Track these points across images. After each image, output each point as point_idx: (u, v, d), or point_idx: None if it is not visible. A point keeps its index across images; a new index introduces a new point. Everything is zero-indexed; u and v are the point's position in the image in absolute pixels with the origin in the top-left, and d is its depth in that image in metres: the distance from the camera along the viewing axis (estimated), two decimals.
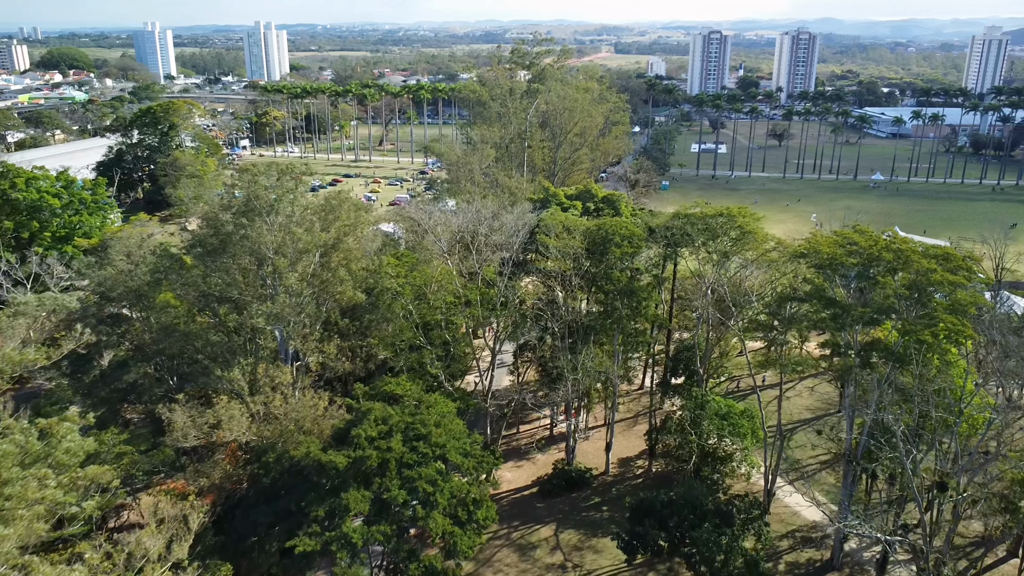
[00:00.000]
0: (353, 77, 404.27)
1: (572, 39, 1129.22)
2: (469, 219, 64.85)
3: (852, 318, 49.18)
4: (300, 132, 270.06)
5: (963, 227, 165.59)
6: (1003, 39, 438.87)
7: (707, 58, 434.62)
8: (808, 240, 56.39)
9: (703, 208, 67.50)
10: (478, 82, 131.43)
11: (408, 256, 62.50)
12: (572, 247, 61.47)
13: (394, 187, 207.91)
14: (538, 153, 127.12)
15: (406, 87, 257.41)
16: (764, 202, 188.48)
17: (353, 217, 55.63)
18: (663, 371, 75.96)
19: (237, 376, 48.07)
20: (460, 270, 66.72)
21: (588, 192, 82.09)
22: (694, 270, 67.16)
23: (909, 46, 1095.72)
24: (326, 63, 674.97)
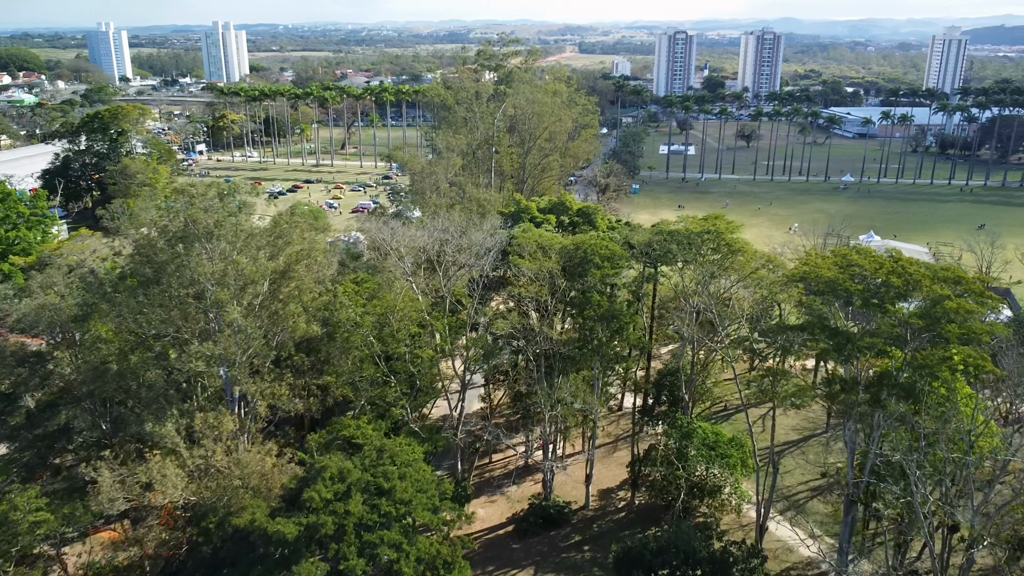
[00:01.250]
0: (314, 78, 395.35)
1: (536, 39, 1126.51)
2: (435, 238, 59.32)
3: (858, 349, 44.72)
4: (259, 136, 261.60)
5: (935, 229, 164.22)
6: (962, 39, 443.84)
7: (673, 58, 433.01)
8: (807, 261, 51.88)
9: (687, 222, 62.72)
10: (443, 85, 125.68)
11: (368, 281, 56.80)
12: (548, 268, 56.34)
13: (357, 193, 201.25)
14: (506, 159, 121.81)
15: (369, 89, 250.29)
16: (735, 205, 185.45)
17: (306, 242, 49.79)
18: (643, 397, 71.11)
19: (170, 432, 42.10)
20: (426, 291, 61.32)
21: (562, 204, 77.00)
22: (677, 288, 62.36)
23: (868, 45, 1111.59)
24: (287, 64, 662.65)
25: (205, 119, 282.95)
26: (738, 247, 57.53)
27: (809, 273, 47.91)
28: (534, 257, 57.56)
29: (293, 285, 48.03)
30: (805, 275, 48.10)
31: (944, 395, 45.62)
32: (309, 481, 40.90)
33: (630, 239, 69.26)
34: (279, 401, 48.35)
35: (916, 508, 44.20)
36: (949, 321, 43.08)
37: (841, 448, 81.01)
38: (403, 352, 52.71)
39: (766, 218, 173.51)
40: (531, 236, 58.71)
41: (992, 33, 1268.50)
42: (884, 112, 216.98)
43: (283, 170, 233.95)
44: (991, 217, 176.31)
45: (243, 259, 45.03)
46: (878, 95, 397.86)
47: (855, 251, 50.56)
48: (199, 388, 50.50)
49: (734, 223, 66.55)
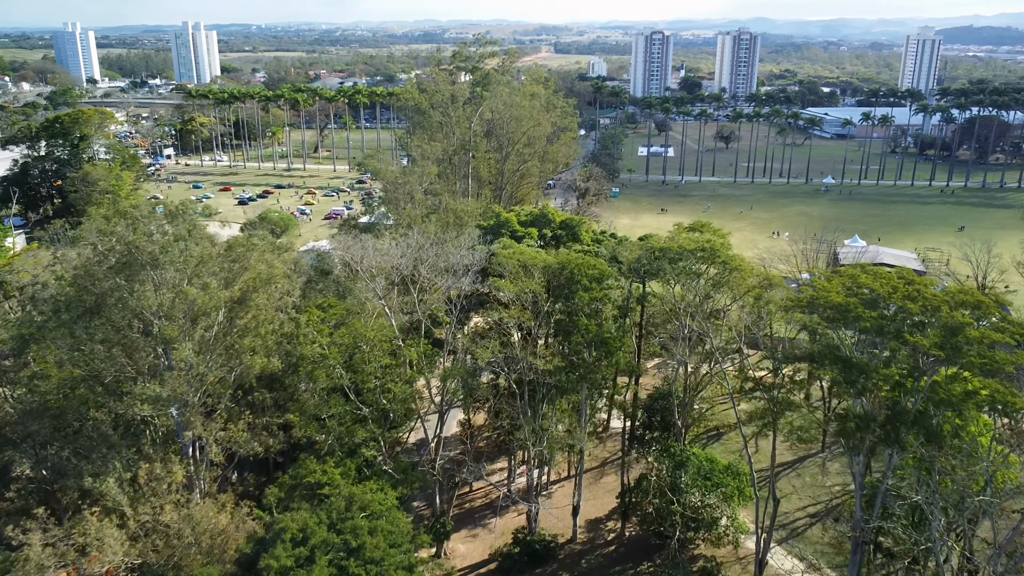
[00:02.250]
0: (286, 80, 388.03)
1: (511, 39, 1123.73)
2: (409, 257, 54.78)
3: (874, 382, 40.90)
4: (229, 139, 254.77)
5: (919, 231, 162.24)
6: (936, 39, 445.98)
7: (649, 58, 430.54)
8: (815, 284, 48.03)
9: (678, 237, 58.67)
10: (418, 88, 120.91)
11: (336, 306, 52.08)
12: (531, 290, 52.02)
13: (330, 199, 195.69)
14: (484, 165, 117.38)
15: (341, 91, 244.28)
16: (717, 209, 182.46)
17: (265, 267, 45.02)
18: (631, 422, 66.92)
19: (111, 489, 37.22)
20: (401, 313, 56.79)
21: (544, 216, 72.73)
22: (669, 309, 58.26)
23: (841, 45, 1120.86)
24: (260, 64, 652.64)
25: (173, 122, 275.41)
26: (734, 265, 53.59)
27: (817, 297, 43.98)
28: (516, 278, 53.24)
29: (250, 315, 43.28)
30: (813, 299, 44.13)
31: (962, 427, 42.01)
32: (267, 544, 36.23)
33: (618, 254, 65.19)
34: (236, 444, 43.58)
35: (936, 554, 40.53)
36: (971, 352, 39.36)
37: (838, 469, 77.80)
38: (373, 387, 48.06)
39: (748, 221, 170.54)
40: (512, 254, 54.36)
41: (961, 33, 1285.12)
42: (865, 113, 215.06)
43: (254, 175, 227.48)
44: (973, 219, 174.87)
45: (193, 289, 40.20)
46: (855, 95, 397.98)
47: (863, 271, 46.69)
48: (150, 429, 45.58)
49: (721, 231, 63.10)
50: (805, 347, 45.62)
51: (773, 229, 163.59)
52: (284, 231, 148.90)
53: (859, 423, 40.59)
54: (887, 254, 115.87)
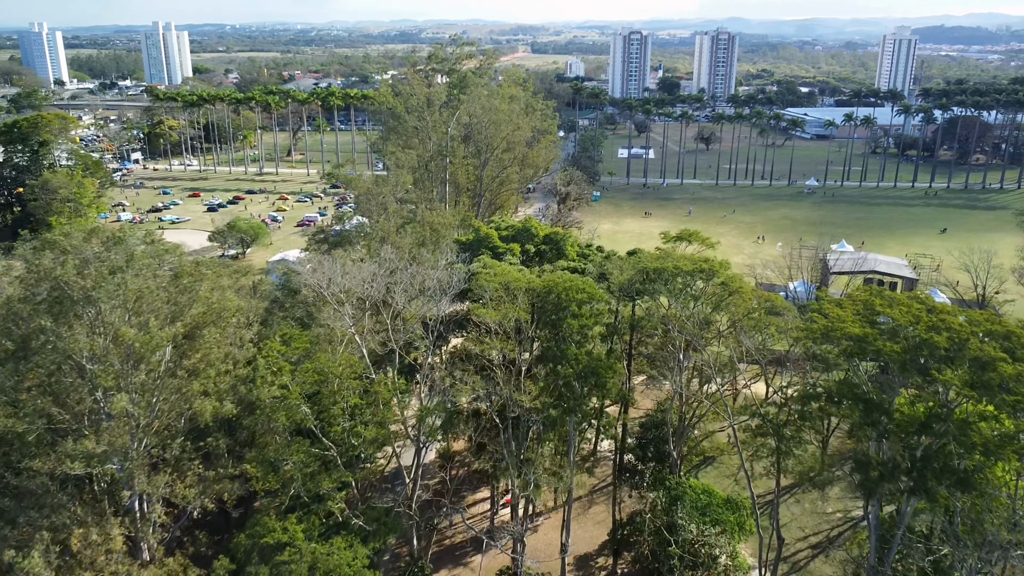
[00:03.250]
0: (258, 81, 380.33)
1: (488, 39, 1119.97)
2: (380, 282, 50.00)
3: (896, 424, 36.80)
4: (199, 143, 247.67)
5: (903, 234, 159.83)
6: (912, 39, 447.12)
7: (628, 59, 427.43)
8: (824, 309, 43.88)
9: (672, 257, 54.33)
10: (392, 92, 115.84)
11: (299, 338, 47.14)
12: (515, 317, 47.48)
13: (303, 204, 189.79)
14: (462, 171, 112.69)
15: (314, 93, 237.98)
16: (700, 213, 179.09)
17: (217, 298, 40.05)
18: (620, 453, 62.53)
19: (36, 567, 32.15)
20: (372, 340, 52.03)
21: (527, 231, 68.20)
22: (663, 333, 53.92)
23: (816, 45, 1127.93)
24: (233, 65, 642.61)
25: (142, 125, 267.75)
26: (735, 287, 49.39)
27: (832, 327, 39.80)
28: (498, 303, 48.66)
29: (200, 355, 38.31)
30: (827, 329, 39.95)
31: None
32: None
33: (606, 271, 60.84)
34: (185, 500, 38.61)
35: None
36: (1006, 391, 35.40)
37: (839, 494, 74.05)
38: (340, 431, 43.24)
39: (732, 226, 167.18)
40: (493, 277, 49.73)
41: (933, 33, 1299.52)
42: (848, 114, 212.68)
43: (224, 179, 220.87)
44: (957, 221, 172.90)
45: (131, 330, 35.20)
46: (833, 95, 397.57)
47: (879, 296, 42.63)
48: (89, 484, 40.47)
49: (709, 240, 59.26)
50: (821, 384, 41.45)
51: (757, 234, 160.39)
52: (254, 240, 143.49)
53: (883, 472, 36.41)
54: (878, 261, 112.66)
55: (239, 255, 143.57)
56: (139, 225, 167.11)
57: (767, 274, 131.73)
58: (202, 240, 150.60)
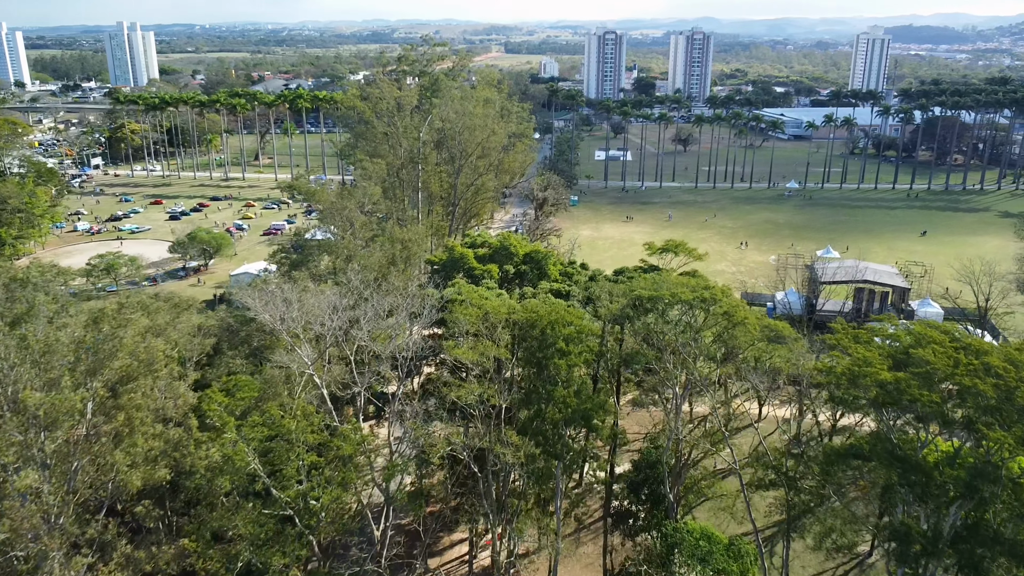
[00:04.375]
0: (225, 82, 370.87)
1: (461, 39, 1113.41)
2: (342, 317, 44.21)
3: (940, 488, 31.76)
4: (163, 147, 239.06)
5: (887, 238, 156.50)
6: (885, 38, 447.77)
7: (603, 59, 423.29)
8: (843, 344, 38.81)
9: (666, 282, 49.01)
10: (360, 96, 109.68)
11: (246, 386, 41.15)
12: (495, 356, 41.97)
13: (271, 211, 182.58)
14: (435, 179, 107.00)
15: (282, 95, 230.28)
16: (680, 217, 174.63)
17: (145, 348, 34.02)
18: (608, 494, 57.10)
19: None
20: (333, 381, 46.29)
21: (505, 250, 62.62)
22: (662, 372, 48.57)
23: (787, 44, 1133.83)
24: (202, 65, 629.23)
25: (103, 129, 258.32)
26: (740, 317, 44.22)
27: (859, 371, 34.68)
28: (476, 338, 43.09)
29: (123, 417, 32.24)
30: (853, 373, 34.82)
31: None
32: None
33: (593, 295, 55.55)
34: None
35: None
36: None
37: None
38: (295, 495, 37.35)
39: (714, 231, 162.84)
40: (470, 308, 44.13)
41: (902, 32, 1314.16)
42: (828, 116, 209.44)
43: (189, 185, 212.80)
44: (939, 223, 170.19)
45: (34, 394, 29.12)
46: (808, 95, 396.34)
47: (909, 332, 37.59)
48: None
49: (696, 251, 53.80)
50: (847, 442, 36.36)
51: (739, 239, 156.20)
52: (217, 250, 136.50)
53: (926, 546, 31.31)
54: (868, 270, 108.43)
55: (201, 267, 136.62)
56: (96, 235, 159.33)
57: (753, 283, 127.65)
58: (162, 251, 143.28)
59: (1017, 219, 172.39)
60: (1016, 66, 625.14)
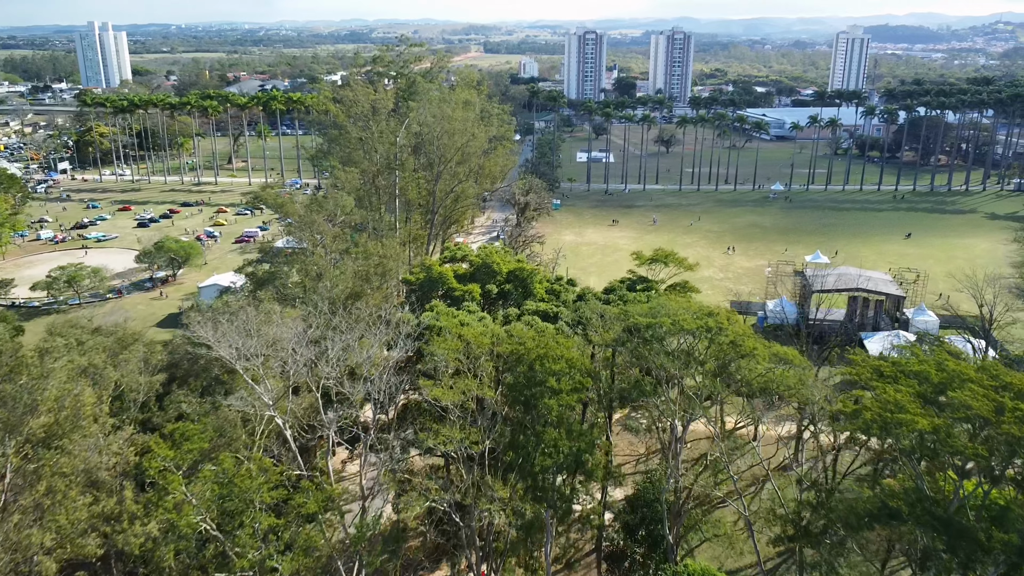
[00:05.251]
0: (198, 83, 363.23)
1: (440, 39, 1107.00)
2: (306, 351, 39.54)
3: (989, 554, 27.70)
4: (132, 150, 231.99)
5: (875, 241, 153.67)
6: (864, 37, 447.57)
7: (583, 59, 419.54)
8: (861, 377, 34.68)
9: (665, 307, 44.70)
10: (333, 99, 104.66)
11: (195, 436, 36.31)
12: (478, 395, 37.49)
13: (244, 217, 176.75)
14: (412, 186, 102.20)
15: (255, 97, 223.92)
16: (665, 221, 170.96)
17: (71, 401, 29.18)
18: (599, 537, 52.72)
19: None
20: (298, 423, 41.63)
21: (487, 267, 58.08)
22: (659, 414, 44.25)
23: (765, 44, 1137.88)
24: (177, 66, 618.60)
25: (70, 132, 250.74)
26: (748, 348, 40.02)
27: (890, 417, 30.52)
28: (456, 374, 38.60)
29: (44, 486, 27.41)
30: (884, 420, 30.67)
31: None
32: None
33: (583, 317, 51.18)
34: None
35: None
36: None
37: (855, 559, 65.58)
38: (249, 565, 32.61)
39: (700, 235, 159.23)
40: (449, 342, 39.61)
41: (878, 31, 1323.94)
42: (812, 116, 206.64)
43: (159, 190, 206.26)
44: (926, 225, 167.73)
45: None
46: (789, 95, 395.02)
47: (938, 368, 33.52)
48: None
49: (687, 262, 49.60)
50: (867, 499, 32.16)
51: (726, 243, 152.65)
52: (185, 260, 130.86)
53: None
54: (861, 277, 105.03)
55: (169, 277, 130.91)
56: (61, 244, 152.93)
57: (743, 291, 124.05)
58: (129, 261, 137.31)
59: (1004, 220, 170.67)
60: (991, 65, 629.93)
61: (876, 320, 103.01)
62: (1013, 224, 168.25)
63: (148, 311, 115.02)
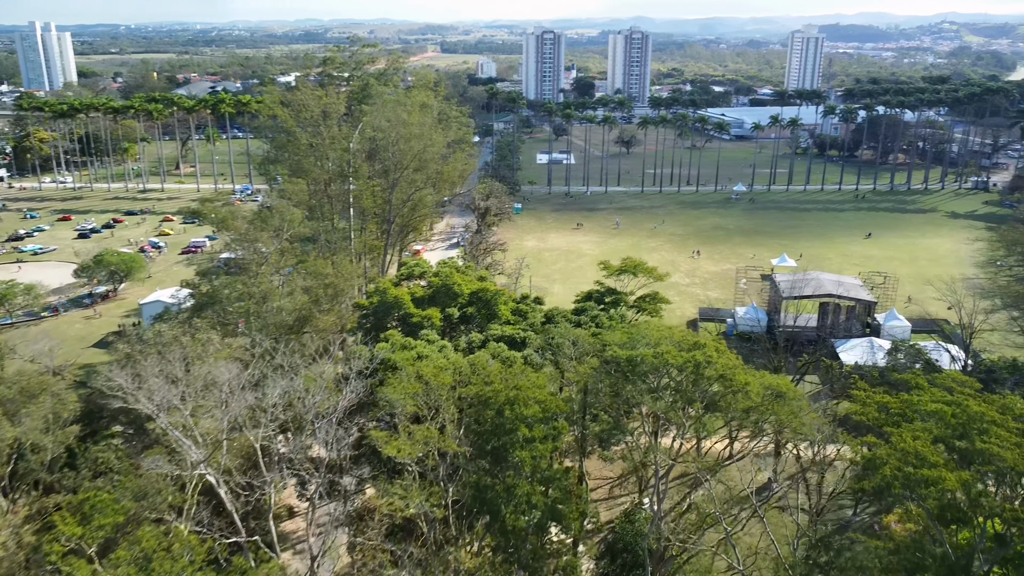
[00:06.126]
0: (145, 86, 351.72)
1: (396, 38, 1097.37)
2: (239, 403, 34.55)
3: None
4: (74, 156, 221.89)
5: (840, 242, 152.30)
6: (819, 36, 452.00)
7: (541, 59, 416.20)
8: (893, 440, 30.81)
9: (648, 336, 40.54)
10: (281, 103, 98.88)
11: (109, 507, 31.03)
12: (440, 448, 32.87)
13: (192, 226, 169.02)
14: (367, 194, 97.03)
15: (203, 100, 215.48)
16: (628, 224, 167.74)
17: None
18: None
19: None
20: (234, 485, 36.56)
21: (447, 288, 53.34)
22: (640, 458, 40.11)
23: (720, 43, 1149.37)
24: (125, 67, 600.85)
25: (8, 137, 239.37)
26: (740, 383, 36.03)
27: (910, 473, 26.64)
28: (415, 421, 33.92)
29: None
30: (905, 476, 26.78)
31: None
32: None
33: (554, 342, 46.82)
34: None
35: None
36: None
37: None
38: None
39: (664, 239, 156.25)
40: (406, 384, 34.89)
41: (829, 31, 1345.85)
42: (773, 116, 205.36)
43: (102, 198, 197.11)
44: (888, 225, 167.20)
45: None
46: (747, 94, 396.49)
47: (958, 408, 29.84)
48: None
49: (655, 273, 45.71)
50: None
51: (690, 246, 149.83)
52: (127, 274, 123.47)
53: None
54: (831, 282, 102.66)
55: (110, 293, 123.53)
56: None
57: (711, 296, 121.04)
58: (67, 275, 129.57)
59: (965, 219, 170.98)
60: (939, 64, 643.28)
61: (848, 326, 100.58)
62: (974, 223, 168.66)
63: (85, 330, 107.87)
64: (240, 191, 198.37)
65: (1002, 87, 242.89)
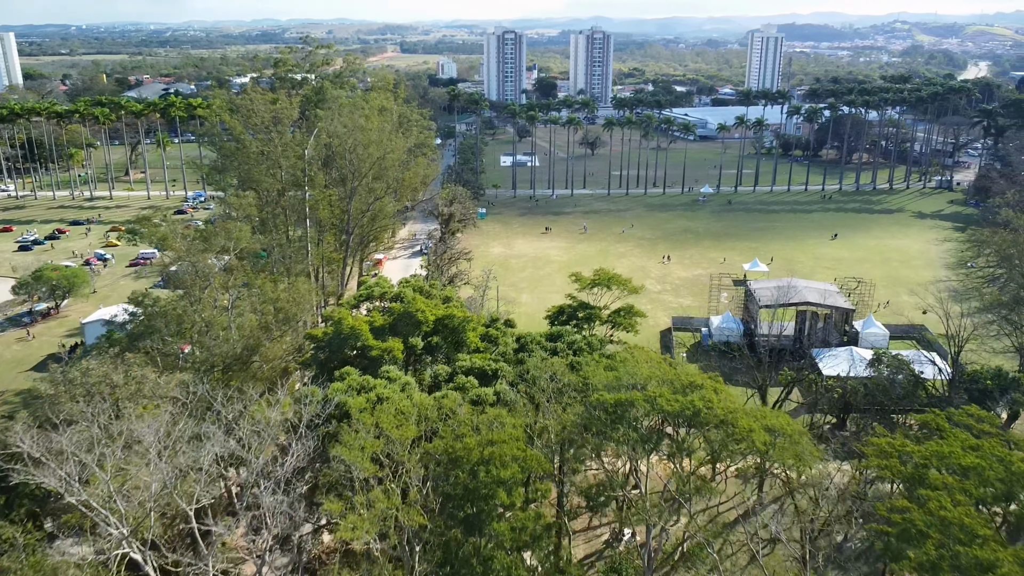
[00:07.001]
0: (93, 89, 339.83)
1: (355, 39, 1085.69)
2: (169, 466, 29.53)
3: None
4: (16, 163, 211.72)
5: (810, 244, 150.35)
6: (779, 36, 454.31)
7: (503, 59, 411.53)
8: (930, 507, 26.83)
9: (637, 372, 36.21)
10: (229, 108, 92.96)
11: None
12: (406, 522, 28.18)
13: None
14: (324, 204, 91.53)
15: (152, 104, 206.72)
16: (596, 229, 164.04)
17: None
18: None
19: None
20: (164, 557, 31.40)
21: (409, 316, 48.44)
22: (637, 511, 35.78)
23: (679, 43, 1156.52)
24: (75, 69, 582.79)
25: None
26: (743, 430, 31.89)
27: (958, 549, 22.64)
28: (376, 483, 29.14)
29: None
30: (955, 557, 22.77)
31: None
32: None
33: (529, 375, 42.35)
34: None
35: None
36: None
37: None
38: None
39: (633, 243, 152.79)
40: (360, 438, 30.11)
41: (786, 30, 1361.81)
42: (739, 117, 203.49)
43: (46, 207, 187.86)
44: (856, 226, 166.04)
45: None
46: (709, 94, 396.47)
47: (986, 459, 25.97)
48: None
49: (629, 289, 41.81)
50: None
51: (660, 250, 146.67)
52: (69, 290, 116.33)
53: None
54: (808, 289, 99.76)
55: (51, 310, 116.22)
56: None
57: (683, 304, 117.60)
58: (5, 292, 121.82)
59: (932, 219, 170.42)
60: (894, 63, 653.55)
61: (825, 335, 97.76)
62: (940, 223, 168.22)
63: (23, 353, 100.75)
64: (193, 198, 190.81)
65: (963, 86, 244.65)
